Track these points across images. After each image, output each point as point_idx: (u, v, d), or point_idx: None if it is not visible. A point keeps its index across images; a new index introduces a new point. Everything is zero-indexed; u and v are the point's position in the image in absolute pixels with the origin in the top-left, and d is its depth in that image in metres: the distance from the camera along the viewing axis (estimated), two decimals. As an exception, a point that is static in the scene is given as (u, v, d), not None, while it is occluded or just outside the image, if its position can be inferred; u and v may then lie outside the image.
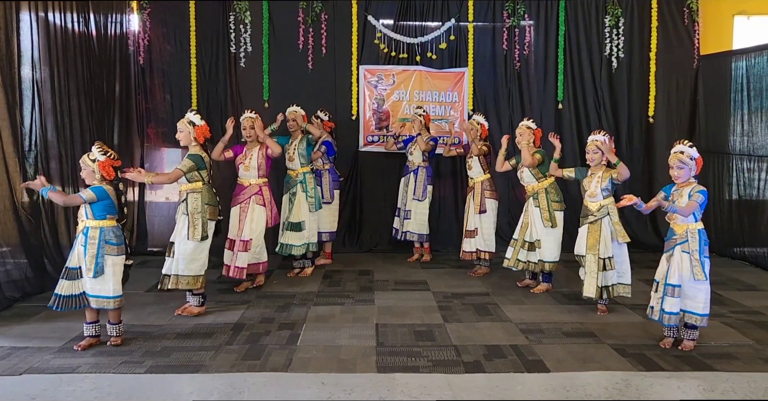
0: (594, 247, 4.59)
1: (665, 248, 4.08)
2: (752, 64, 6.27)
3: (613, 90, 7.11)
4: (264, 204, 5.22)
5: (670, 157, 4.01)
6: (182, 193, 4.65)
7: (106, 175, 3.97)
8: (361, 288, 5.54)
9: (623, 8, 7.00)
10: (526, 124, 5.33)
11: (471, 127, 5.86)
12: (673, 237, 4.01)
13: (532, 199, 5.27)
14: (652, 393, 3.40)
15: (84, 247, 3.93)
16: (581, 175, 4.77)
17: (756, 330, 4.39)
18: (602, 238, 4.59)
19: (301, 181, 5.70)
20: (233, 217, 5.22)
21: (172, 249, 4.60)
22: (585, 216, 4.69)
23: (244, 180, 5.25)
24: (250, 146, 5.27)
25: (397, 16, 6.97)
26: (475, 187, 5.87)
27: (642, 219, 6.95)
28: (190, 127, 4.66)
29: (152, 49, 6.87)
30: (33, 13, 5.16)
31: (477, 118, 5.93)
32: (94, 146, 4.03)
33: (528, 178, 5.30)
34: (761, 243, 6.23)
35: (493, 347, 4.05)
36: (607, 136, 4.67)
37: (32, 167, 5.13)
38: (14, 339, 4.16)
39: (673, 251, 3.99)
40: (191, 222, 4.55)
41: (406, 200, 6.34)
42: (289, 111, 5.79)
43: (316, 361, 3.81)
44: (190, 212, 4.57)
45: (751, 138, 6.31)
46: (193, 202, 4.58)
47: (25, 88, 5.08)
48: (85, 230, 3.94)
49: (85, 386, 3.44)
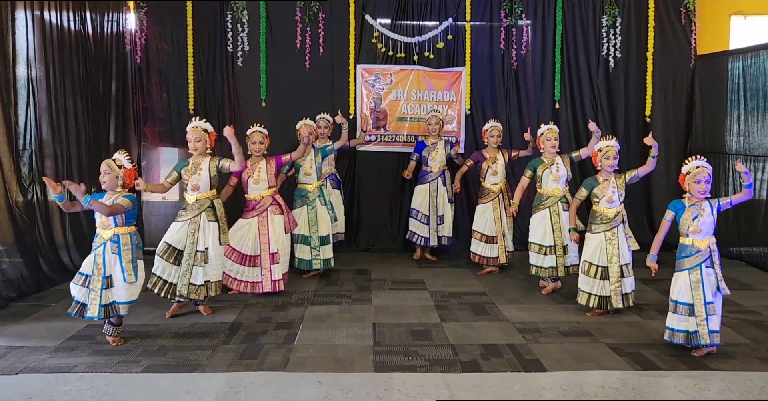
0: (614, 256, 4.53)
1: (685, 266, 3.88)
2: (749, 64, 6.28)
3: (610, 89, 7.12)
4: (282, 212, 5.21)
5: (699, 171, 3.87)
6: (203, 200, 4.57)
7: (129, 183, 4.02)
8: (358, 287, 5.54)
9: (620, 8, 7.01)
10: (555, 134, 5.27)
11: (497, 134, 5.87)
12: (698, 253, 3.85)
13: (560, 203, 5.23)
14: (649, 392, 3.41)
15: (118, 255, 3.93)
16: (591, 186, 4.64)
17: (752, 329, 4.40)
18: (620, 246, 4.55)
19: (319, 195, 5.72)
20: (249, 232, 5.10)
21: (204, 258, 4.55)
22: (599, 223, 4.57)
23: (256, 195, 5.14)
24: (254, 160, 5.17)
25: (394, 15, 6.98)
26: (502, 192, 5.89)
27: (640, 218, 6.97)
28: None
29: (149, 48, 6.85)
30: (29, 12, 5.14)
31: (497, 125, 5.92)
32: (119, 153, 4.03)
33: (561, 182, 5.24)
34: (757, 243, 6.24)
35: (490, 346, 4.05)
36: (615, 139, 4.65)
37: (27, 166, 5.11)
38: (10, 338, 4.15)
39: (700, 267, 3.85)
40: (221, 228, 4.63)
41: (437, 206, 6.30)
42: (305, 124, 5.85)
43: (313, 361, 3.81)
44: (219, 217, 4.62)
45: (747, 138, 6.33)
46: (220, 208, 4.65)
47: (20, 87, 5.06)
48: (116, 237, 3.94)
49: (81, 386, 3.43)
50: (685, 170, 3.96)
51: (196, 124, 4.60)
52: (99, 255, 3.94)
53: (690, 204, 3.92)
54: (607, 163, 4.55)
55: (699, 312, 3.82)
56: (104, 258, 3.94)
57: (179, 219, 4.60)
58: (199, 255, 4.55)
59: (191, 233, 4.55)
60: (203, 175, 4.54)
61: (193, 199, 4.57)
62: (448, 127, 6.99)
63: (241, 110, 6.93)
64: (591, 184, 4.64)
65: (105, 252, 3.94)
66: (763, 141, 6.10)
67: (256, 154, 5.16)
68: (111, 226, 3.94)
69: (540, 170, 5.25)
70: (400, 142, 7.06)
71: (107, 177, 3.95)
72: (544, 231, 5.24)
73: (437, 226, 6.35)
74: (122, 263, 3.94)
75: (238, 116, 6.87)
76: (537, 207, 5.28)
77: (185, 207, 4.63)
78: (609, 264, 4.54)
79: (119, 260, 3.94)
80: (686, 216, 3.90)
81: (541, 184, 5.26)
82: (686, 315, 3.87)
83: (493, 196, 5.88)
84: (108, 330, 4.07)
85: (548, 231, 5.23)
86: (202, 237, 4.56)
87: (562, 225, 5.19)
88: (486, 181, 5.91)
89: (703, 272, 3.86)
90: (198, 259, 4.55)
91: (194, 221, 4.56)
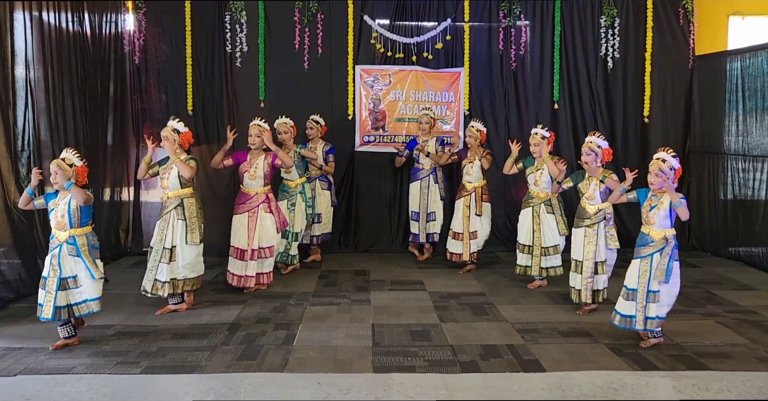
0: (590, 253, 4.62)
1: (638, 254, 4.05)
2: (747, 65, 6.29)
3: (609, 90, 7.12)
4: (272, 211, 5.27)
5: (652, 163, 4.00)
6: (173, 199, 4.68)
7: (82, 180, 3.99)
8: (357, 288, 5.54)
9: (618, 8, 7.01)
10: (540, 133, 5.26)
11: (470, 135, 5.88)
12: (651, 243, 4.00)
13: (544, 205, 5.29)
14: (648, 392, 3.41)
15: (79, 256, 3.92)
16: (578, 180, 4.76)
17: (750, 329, 4.41)
18: (598, 243, 4.60)
19: (300, 191, 5.86)
20: (239, 226, 5.21)
21: (170, 255, 4.62)
22: (581, 218, 4.69)
23: (250, 189, 5.23)
24: (254, 154, 5.23)
25: (393, 16, 6.97)
26: (475, 191, 5.90)
27: (638, 219, 6.97)
28: (175, 135, 4.66)
29: (147, 48, 6.84)
30: (27, 13, 5.13)
31: (476, 125, 5.93)
32: (67, 152, 4.00)
33: (545, 184, 5.28)
34: (756, 243, 6.25)
35: (489, 347, 4.05)
36: (602, 138, 4.68)
37: (25, 167, 5.10)
38: (9, 339, 4.14)
39: (651, 257, 3.99)
40: (189, 226, 4.65)
41: (428, 203, 6.34)
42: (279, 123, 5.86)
43: (312, 361, 3.80)
44: (187, 217, 4.66)
45: (745, 138, 6.33)
46: (190, 207, 4.70)
47: (18, 88, 5.05)
48: (72, 239, 3.92)
49: (80, 387, 3.42)
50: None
51: (168, 124, 4.72)
52: (54, 257, 3.92)
53: (651, 194, 4.03)
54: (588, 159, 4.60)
55: (640, 299, 3.98)
56: (59, 260, 3.91)
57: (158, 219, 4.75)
58: (165, 252, 4.62)
59: (161, 230, 4.67)
60: (172, 173, 4.66)
61: (165, 197, 4.73)
62: (446, 127, 6.99)
63: (239, 111, 6.92)
64: (578, 176, 4.77)
65: (61, 254, 3.92)
66: (762, 141, 6.11)
67: (253, 147, 5.20)
68: (67, 228, 3.92)
69: (528, 170, 5.39)
70: (399, 142, 7.05)
71: (59, 176, 3.89)
72: (526, 230, 5.38)
73: (426, 223, 6.39)
74: (86, 263, 3.94)
75: (237, 117, 6.85)
76: (525, 203, 5.43)
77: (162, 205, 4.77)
78: (584, 259, 4.63)
79: (82, 261, 3.93)
80: (645, 205, 4.04)
81: (528, 184, 5.42)
82: (629, 301, 4.02)
83: (465, 194, 5.93)
84: (66, 332, 4.02)
85: (529, 230, 5.35)
86: (170, 234, 4.65)
87: (542, 228, 5.31)
88: (463, 179, 6.03)
89: (653, 261, 3.98)
90: (164, 256, 4.62)
91: (165, 219, 4.69)
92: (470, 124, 6.03)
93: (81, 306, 3.96)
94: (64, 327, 4.02)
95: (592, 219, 4.62)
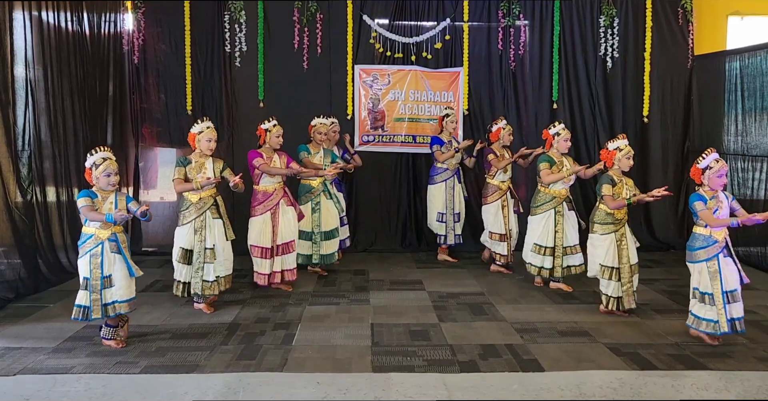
0: (626, 256, 4.57)
1: (702, 257, 4.02)
2: (746, 64, 6.29)
3: (608, 90, 7.12)
4: (292, 203, 5.31)
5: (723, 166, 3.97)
6: (207, 198, 4.66)
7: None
8: (356, 287, 5.54)
9: (618, 8, 7.02)
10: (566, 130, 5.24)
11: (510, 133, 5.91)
12: (715, 244, 3.99)
13: (566, 202, 5.26)
14: (647, 392, 3.41)
15: (120, 253, 3.97)
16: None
17: (749, 328, 4.39)
18: (629, 245, 4.60)
19: (323, 190, 5.76)
20: (263, 226, 5.17)
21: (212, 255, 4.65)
22: (608, 223, 4.56)
23: (269, 186, 5.19)
24: (269, 152, 5.19)
25: (392, 15, 6.97)
26: (510, 190, 5.95)
27: (636, 218, 6.97)
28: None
29: (147, 48, 6.84)
30: (26, 12, 5.14)
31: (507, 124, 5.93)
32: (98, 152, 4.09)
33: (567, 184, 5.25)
34: (755, 243, 6.25)
35: (488, 346, 4.06)
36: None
37: (25, 167, 5.11)
38: (8, 339, 4.14)
39: (718, 258, 3.99)
40: (225, 223, 4.73)
41: (454, 203, 6.26)
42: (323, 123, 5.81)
43: (311, 361, 3.81)
44: (222, 214, 4.73)
45: (745, 138, 6.34)
46: (222, 205, 4.76)
47: (18, 88, 5.06)
48: (114, 236, 3.96)
49: (79, 386, 3.43)
50: (703, 164, 4.02)
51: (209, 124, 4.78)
52: (95, 256, 3.92)
53: (710, 197, 4.01)
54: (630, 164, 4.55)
55: (717, 302, 3.97)
56: (102, 258, 3.93)
57: (184, 221, 4.67)
58: (208, 253, 4.66)
59: (198, 232, 4.66)
60: (208, 174, 4.66)
61: (197, 197, 4.64)
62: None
63: (238, 110, 6.92)
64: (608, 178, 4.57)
65: (104, 251, 3.94)
66: (761, 141, 6.11)
67: (275, 146, 5.22)
68: (110, 225, 3.95)
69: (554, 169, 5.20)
70: (398, 142, 7.06)
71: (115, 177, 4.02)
72: (547, 232, 5.26)
73: (454, 224, 6.32)
74: (127, 259, 3.98)
75: (236, 117, 6.87)
76: (541, 207, 5.26)
77: (187, 207, 4.67)
78: (621, 264, 4.57)
79: (123, 257, 3.97)
80: (709, 209, 3.99)
81: (550, 185, 5.21)
82: (708, 305, 4.01)
83: (501, 194, 5.93)
84: (107, 334, 4.05)
85: (551, 231, 5.25)
86: (209, 234, 4.67)
87: (564, 228, 5.24)
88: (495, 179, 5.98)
89: (720, 262, 3.99)
90: (208, 256, 4.66)
91: (199, 220, 4.66)
92: (504, 123, 5.91)
93: (108, 307, 3.97)
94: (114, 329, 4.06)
95: (622, 222, 4.58)
